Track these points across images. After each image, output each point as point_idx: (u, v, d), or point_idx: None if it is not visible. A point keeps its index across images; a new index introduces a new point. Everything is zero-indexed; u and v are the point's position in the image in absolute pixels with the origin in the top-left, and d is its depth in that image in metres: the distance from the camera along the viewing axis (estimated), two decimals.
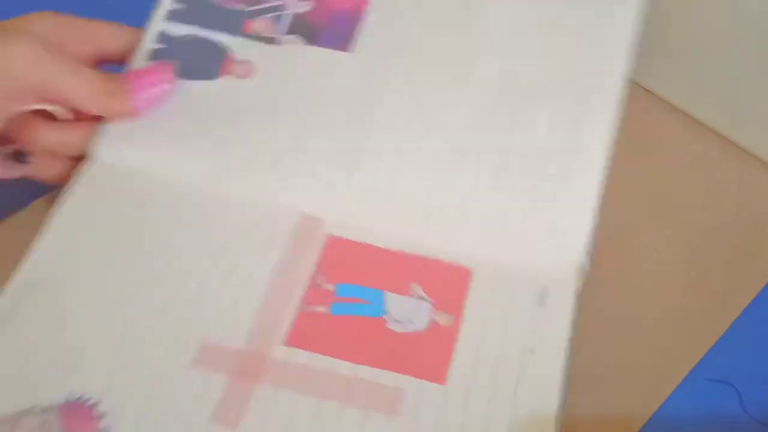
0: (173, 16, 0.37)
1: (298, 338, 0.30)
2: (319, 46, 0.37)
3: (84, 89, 0.32)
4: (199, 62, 0.36)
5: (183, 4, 0.38)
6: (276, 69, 0.36)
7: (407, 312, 0.31)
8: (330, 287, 0.32)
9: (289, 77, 0.36)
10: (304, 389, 0.29)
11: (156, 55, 0.36)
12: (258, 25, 0.37)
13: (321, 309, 0.31)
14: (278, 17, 0.37)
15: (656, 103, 0.44)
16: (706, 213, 0.39)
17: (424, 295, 0.31)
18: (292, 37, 0.37)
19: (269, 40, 0.37)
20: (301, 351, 0.30)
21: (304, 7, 0.37)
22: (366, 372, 0.29)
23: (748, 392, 0.33)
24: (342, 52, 0.36)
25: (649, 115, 0.44)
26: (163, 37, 0.37)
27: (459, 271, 0.32)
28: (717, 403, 0.33)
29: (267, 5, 0.38)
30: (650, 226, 0.37)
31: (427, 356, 0.30)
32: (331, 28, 0.37)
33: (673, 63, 0.42)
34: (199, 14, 0.37)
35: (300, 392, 0.29)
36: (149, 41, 0.37)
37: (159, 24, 0.37)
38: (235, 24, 0.37)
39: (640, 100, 0.44)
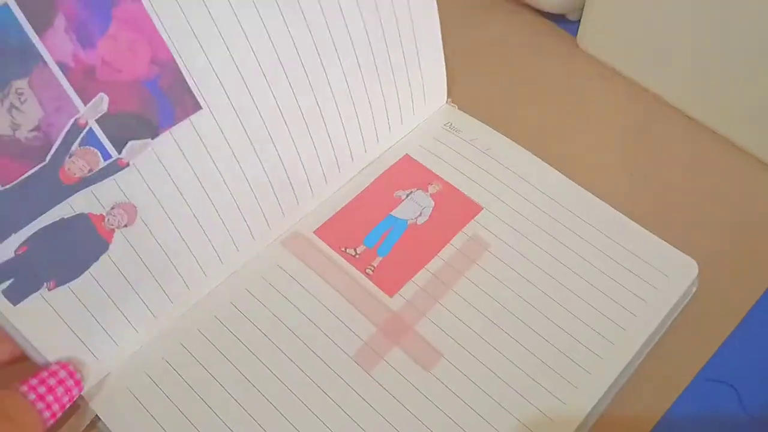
0: None
1: (388, 284, 0.34)
2: (164, 128, 0.29)
3: None
4: (70, 254, 0.29)
5: None
6: (158, 182, 0.30)
7: (416, 207, 0.37)
8: (360, 248, 0.36)
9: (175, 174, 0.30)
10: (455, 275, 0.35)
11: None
12: (77, 164, 0.27)
13: (374, 263, 0.35)
14: (91, 135, 0.27)
15: (656, 103, 0.43)
16: (706, 214, 0.38)
17: (408, 190, 0.38)
18: (133, 143, 0.28)
19: (114, 168, 0.28)
20: (407, 285, 0.34)
21: (104, 106, 0.27)
22: (448, 251, 0.35)
23: (748, 392, 0.33)
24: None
25: (649, 115, 0.43)
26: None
27: (404, 162, 0.39)
28: (717, 403, 0.32)
29: (64, 132, 0.26)
30: (650, 227, 0.36)
31: (456, 209, 0.37)
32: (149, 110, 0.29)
33: (673, 63, 0.41)
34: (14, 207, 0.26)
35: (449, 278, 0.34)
36: None
37: None
38: (52, 190, 0.27)
39: (640, 100, 0.44)
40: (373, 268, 0.35)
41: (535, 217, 0.36)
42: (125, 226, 0.30)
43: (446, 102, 0.42)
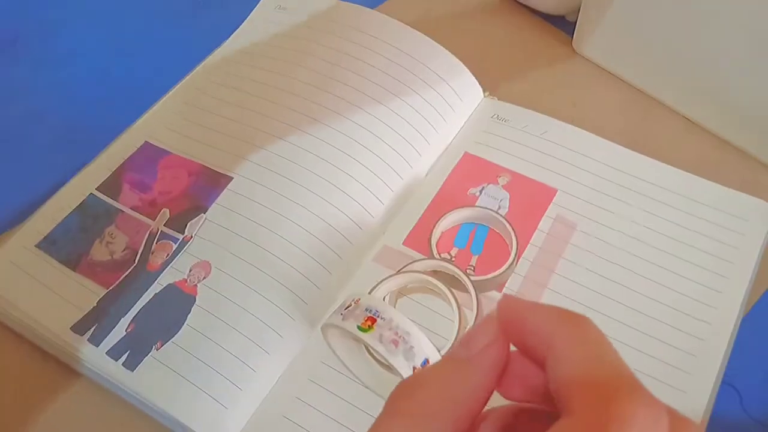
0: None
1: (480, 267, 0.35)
2: (211, 203, 0.37)
3: None
4: (168, 316, 0.34)
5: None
6: (220, 237, 0.36)
7: (492, 201, 0.37)
8: (453, 251, 0.36)
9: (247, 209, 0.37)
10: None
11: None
12: (158, 255, 0.35)
13: (472, 262, 0.35)
14: (163, 235, 0.36)
15: (656, 105, 0.43)
16: None
17: (480, 186, 0.38)
18: (191, 222, 0.37)
19: (183, 245, 0.36)
20: (512, 277, 0.35)
21: (167, 215, 0.37)
22: (539, 237, 0.36)
23: (749, 394, 0.33)
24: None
25: (649, 117, 0.43)
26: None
27: (466, 160, 0.39)
28: (718, 403, 0.31)
29: (144, 242, 0.36)
30: None
31: (532, 195, 0.38)
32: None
33: (669, 65, 0.41)
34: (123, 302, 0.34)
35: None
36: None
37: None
38: (144, 279, 0.35)
39: (641, 101, 0.44)
40: (473, 268, 0.35)
41: (609, 189, 0.37)
42: (204, 278, 0.35)
43: (484, 96, 0.42)
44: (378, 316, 0.27)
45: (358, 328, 0.27)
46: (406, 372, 0.26)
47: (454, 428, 0.16)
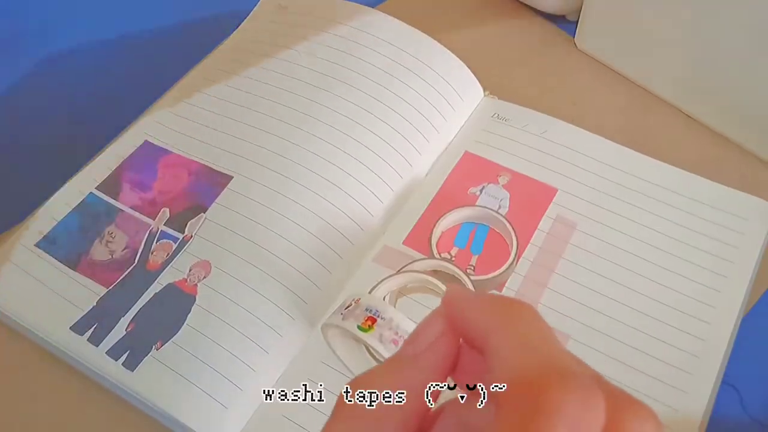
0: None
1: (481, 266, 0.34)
2: (211, 203, 0.37)
3: None
4: (168, 315, 0.34)
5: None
6: (220, 236, 0.36)
7: (493, 200, 0.37)
8: (454, 250, 0.36)
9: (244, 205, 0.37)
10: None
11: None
12: (158, 255, 0.35)
13: (472, 262, 0.35)
14: (163, 234, 0.36)
15: (657, 103, 0.43)
16: None
17: (480, 185, 0.38)
18: (192, 222, 0.37)
19: (183, 244, 0.36)
20: (512, 277, 0.35)
21: (167, 215, 0.37)
22: (539, 237, 0.36)
23: (749, 394, 0.33)
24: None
25: (649, 115, 0.43)
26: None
27: (466, 159, 0.39)
28: (718, 403, 0.31)
29: (143, 242, 0.36)
30: None
31: (532, 194, 0.38)
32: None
33: (670, 62, 0.42)
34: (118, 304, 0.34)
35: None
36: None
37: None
38: (143, 279, 0.35)
39: (641, 99, 0.44)
40: (473, 267, 0.35)
41: (609, 189, 0.37)
42: (204, 278, 0.35)
43: (485, 95, 0.42)
44: (378, 316, 0.27)
45: (358, 327, 0.27)
46: None
47: (405, 427, 0.16)
